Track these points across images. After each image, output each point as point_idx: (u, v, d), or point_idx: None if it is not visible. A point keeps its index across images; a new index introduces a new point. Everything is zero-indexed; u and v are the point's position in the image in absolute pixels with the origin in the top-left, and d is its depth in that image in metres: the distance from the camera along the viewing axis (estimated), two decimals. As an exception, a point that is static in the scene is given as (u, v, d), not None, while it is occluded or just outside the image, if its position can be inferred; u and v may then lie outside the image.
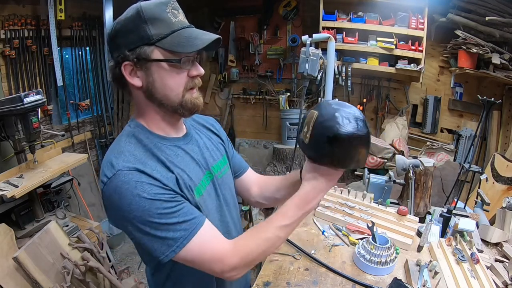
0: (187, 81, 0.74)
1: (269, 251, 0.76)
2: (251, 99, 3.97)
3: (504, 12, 2.67)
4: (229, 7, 3.81)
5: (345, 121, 0.68)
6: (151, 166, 0.70)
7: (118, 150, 0.72)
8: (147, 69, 0.72)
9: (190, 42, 0.69)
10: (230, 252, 0.71)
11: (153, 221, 0.66)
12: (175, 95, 0.73)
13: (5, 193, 1.66)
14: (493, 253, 1.34)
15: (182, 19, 0.73)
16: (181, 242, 0.68)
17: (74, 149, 3.05)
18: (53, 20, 2.50)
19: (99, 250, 1.97)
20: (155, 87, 0.73)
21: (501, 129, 3.02)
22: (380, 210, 1.45)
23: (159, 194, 0.67)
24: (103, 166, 0.71)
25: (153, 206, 0.66)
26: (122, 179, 0.66)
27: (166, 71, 0.71)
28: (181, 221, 0.68)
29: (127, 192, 0.66)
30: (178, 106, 0.75)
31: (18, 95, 1.76)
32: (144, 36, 0.69)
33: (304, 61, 1.78)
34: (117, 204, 0.67)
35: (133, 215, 0.66)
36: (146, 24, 0.68)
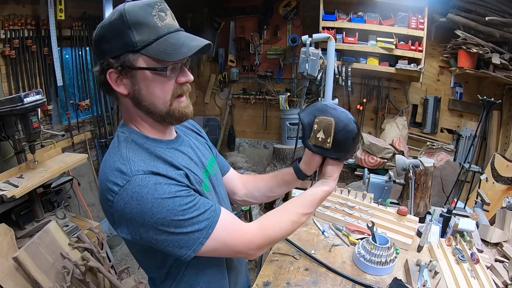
0: (174, 88, 0.71)
1: (290, 233, 0.82)
2: (251, 99, 3.97)
3: (504, 12, 2.67)
4: (229, 7, 3.81)
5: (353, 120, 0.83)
6: (162, 167, 0.69)
7: (122, 156, 0.69)
8: (132, 77, 0.69)
9: (176, 50, 0.65)
10: (258, 232, 0.75)
11: (178, 219, 0.66)
12: (162, 103, 0.71)
13: (5, 193, 1.66)
14: (493, 253, 1.34)
15: (169, 22, 0.68)
16: (206, 232, 0.68)
17: (74, 149, 3.04)
18: (53, 20, 2.49)
19: (99, 250, 1.97)
20: (142, 95, 0.70)
21: (501, 129, 3.02)
22: (380, 210, 1.45)
23: (178, 191, 0.67)
24: (108, 176, 0.67)
25: (176, 204, 0.65)
26: (139, 183, 0.64)
27: (152, 79, 0.68)
28: (202, 212, 0.69)
29: (147, 196, 0.64)
30: (166, 115, 0.73)
31: (18, 95, 1.75)
32: (128, 43, 0.65)
33: (304, 61, 1.78)
34: (136, 211, 0.64)
35: (156, 218, 0.64)
36: (130, 30, 0.65)
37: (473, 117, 3.22)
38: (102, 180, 0.68)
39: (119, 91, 0.71)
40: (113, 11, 0.67)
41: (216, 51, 3.97)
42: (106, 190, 0.66)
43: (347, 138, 0.82)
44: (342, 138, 0.82)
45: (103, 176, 0.68)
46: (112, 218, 0.68)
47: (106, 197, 0.66)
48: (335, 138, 0.81)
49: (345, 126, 0.81)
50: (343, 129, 0.81)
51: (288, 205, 0.83)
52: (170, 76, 0.69)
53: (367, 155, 3.18)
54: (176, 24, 0.70)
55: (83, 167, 3.02)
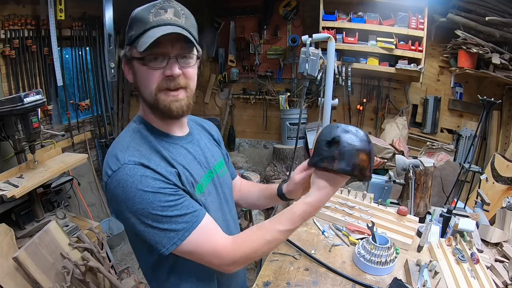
0: (160, 81, 0.72)
1: (268, 251, 0.79)
2: (251, 99, 3.97)
3: (504, 12, 2.67)
4: (229, 7, 3.81)
5: (354, 134, 0.77)
6: (155, 161, 0.72)
7: (124, 144, 0.74)
8: (132, 67, 0.76)
9: (146, 40, 0.68)
10: (230, 248, 0.74)
11: (156, 214, 0.68)
12: (148, 93, 0.74)
13: (5, 193, 1.66)
14: (493, 253, 1.34)
15: (165, 18, 0.70)
16: (182, 235, 0.70)
17: (74, 149, 3.05)
18: (53, 20, 2.49)
19: (99, 250, 1.97)
20: (136, 84, 0.77)
21: (501, 129, 3.02)
22: (380, 210, 1.45)
23: (162, 188, 0.69)
24: (107, 159, 0.73)
25: (156, 199, 0.68)
26: (127, 172, 0.69)
27: (139, 69, 0.74)
28: (183, 214, 0.70)
29: (132, 186, 0.68)
30: (152, 105, 0.75)
31: (18, 95, 1.75)
32: (128, 38, 0.74)
33: (304, 61, 1.78)
34: (121, 197, 0.69)
35: (136, 207, 0.68)
36: (131, 27, 0.73)
37: (473, 117, 3.22)
38: (105, 161, 0.75)
39: (127, 78, 0.79)
40: None
41: (216, 51, 3.97)
42: (104, 172, 0.73)
43: (350, 151, 0.74)
44: (346, 152, 0.75)
45: (106, 159, 0.75)
46: (107, 197, 0.75)
47: (103, 178, 0.74)
48: (342, 152, 0.75)
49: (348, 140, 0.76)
50: (347, 144, 0.75)
51: (267, 221, 0.80)
52: (152, 67, 0.72)
53: (367, 155, 3.17)
54: (177, 20, 0.71)
55: (83, 167, 3.03)
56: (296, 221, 0.76)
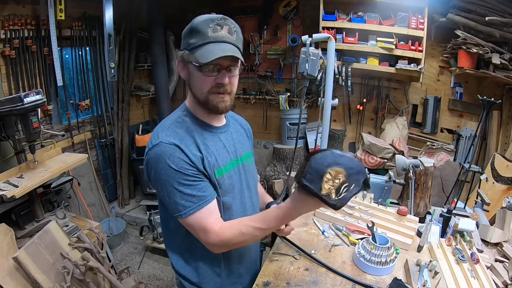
0: (212, 86, 0.88)
1: (245, 242, 0.93)
2: (251, 99, 3.97)
3: (504, 12, 2.66)
4: (229, 7, 3.80)
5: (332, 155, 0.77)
6: (186, 143, 0.89)
7: (166, 126, 0.93)
8: (188, 67, 0.91)
9: (206, 55, 0.83)
10: (214, 233, 0.88)
11: (174, 187, 0.86)
12: (200, 93, 0.91)
13: (5, 193, 1.66)
14: (493, 253, 1.34)
15: (221, 34, 0.85)
16: (188, 210, 0.87)
17: (74, 149, 3.04)
18: (53, 20, 2.49)
19: (99, 250, 1.97)
20: (191, 83, 0.92)
21: (501, 129, 3.02)
22: (380, 210, 1.45)
23: (184, 168, 0.86)
24: (152, 136, 0.92)
25: (177, 175, 0.86)
26: (162, 149, 0.87)
27: (195, 73, 0.89)
28: (193, 194, 0.87)
29: (162, 159, 0.86)
30: (203, 103, 0.92)
31: (18, 95, 1.75)
32: (187, 43, 0.88)
33: (304, 61, 1.78)
34: (153, 166, 0.88)
35: (161, 177, 0.87)
36: (191, 35, 0.86)
37: (473, 117, 3.22)
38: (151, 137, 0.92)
39: (181, 75, 0.95)
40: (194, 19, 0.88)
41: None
42: (148, 144, 0.91)
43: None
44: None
45: (152, 133, 0.93)
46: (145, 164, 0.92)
47: (146, 150, 0.91)
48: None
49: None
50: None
51: (247, 218, 0.93)
52: (207, 74, 0.87)
53: (367, 155, 3.18)
54: (230, 37, 0.87)
55: (83, 167, 3.03)
56: (268, 222, 0.87)
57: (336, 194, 0.74)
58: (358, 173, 0.76)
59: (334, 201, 0.74)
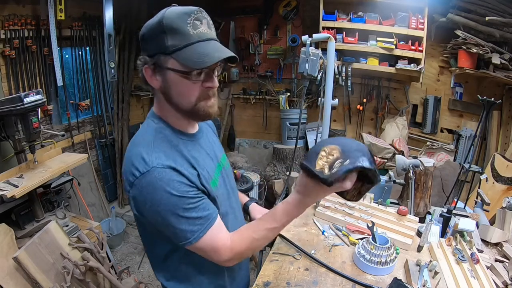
0: (200, 91, 0.78)
1: (260, 246, 0.89)
2: (251, 99, 3.97)
3: (504, 12, 2.66)
4: (229, 7, 3.80)
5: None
6: (180, 163, 0.78)
7: (148, 145, 0.78)
8: (163, 75, 0.77)
9: (200, 59, 0.72)
10: (228, 249, 0.82)
11: (178, 214, 0.76)
12: (188, 102, 0.79)
13: (5, 193, 1.66)
14: (493, 253, 1.34)
15: (203, 31, 0.74)
16: (197, 235, 0.78)
17: (74, 149, 3.05)
18: (53, 20, 2.49)
19: (99, 250, 1.97)
20: (170, 93, 0.79)
21: (501, 129, 3.02)
22: (380, 210, 1.45)
23: (186, 192, 0.76)
24: (132, 159, 0.77)
25: (180, 202, 0.75)
26: (156, 175, 0.74)
27: (179, 80, 0.76)
28: (199, 217, 0.78)
29: (160, 188, 0.74)
30: (190, 112, 0.81)
31: (18, 95, 1.75)
32: (161, 46, 0.73)
33: (304, 61, 1.78)
34: (148, 197, 0.75)
35: (161, 208, 0.75)
36: (165, 34, 0.72)
37: (473, 117, 3.22)
38: (127, 160, 0.79)
39: (152, 84, 0.81)
40: (157, 14, 0.75)
41: (216, 51, 3.97)
42: (129, 172, 0.77)
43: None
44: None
45: (129, 158, 0.79)
46: (128, 194, 0.79)
47: (128, 177, 0.77)
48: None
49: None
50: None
51: (254, 222, 0.88)
52: (195, 80, 0.76)
53: (367, 155, 3.17)
54: (211, 32, 0.76)
55: (83, 167, 3.03)
56: (279, 219, 0.82)
57: (329, 170, 0.72)
58: (356, 150, 0.73)
59: (326, 176, 0.72)
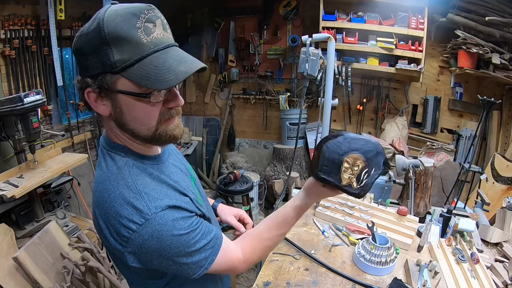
0: (161, 113, 0.64)
1: (271, 251, 0.95)
2: (251, 99, 3.97)
3: (504, 12, 2.67)
4: (229, 7, 3.80)
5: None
6: (173, 197, 0.68)
7: (131, 188, 0.64)
8: (113, 99, 0.61)
9: (160, 76, 0.56)
10: (242, 262, 0.79)
11: (190, 251, 0.67)
12: (147, 129, 0.64)
13: (5, 193, 1.66)
14: (493, 253, 1.34)
15: (158, 36, 0.58)
16: (211, 259, 0.71)
17: (74, 149, 3.04)
18: (53, 20, 2.49)
19: (99, 250, 1.97)
20: (124, 119, 0.63)
21: (501, 129, 3.02)
22: (380, 210, 1.45)
23: (192, 225, 0.67)
24: (119, 210, 0.62)
25: (190, 238, 0.66)
26: (159, 221, 0.62)
27: (134, 104, 0.60)
28: (209, 241, 0.71)
29: (167, 234, 0.63)
30: (151, 139, 0.66)
31: (18, 95, 1.76)
32: (105, 63, 0.56)
33: (304, 61, 1.78)
34: (155, 247, 0.63)
35: (172, 252, 0.64)
36: (109, 46, 0.55)
37: (473, 117, 3.22)
38: (109, 210, 0.63)
39: (99, 112, 0.64)
40: (92, 18, 0.57)
41: (216, 51, 3.97)
42: (119, 226, 0.62)
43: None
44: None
45: (111, 208, 0.62)
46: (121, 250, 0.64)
47: (119, 232, 0.62)
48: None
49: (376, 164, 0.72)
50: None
51: (263, 229, 0.84)
52: (154, 102, 0.61)
53: (367, 155, 3.17)
54: (168, 36, 0.61)
55: (83, 167, 3.02)
56: (290, 223, 0.84)
57: (357, 182, 0.69)
58: (377, 154, 0.70)
59: (357, 190, 0.70)
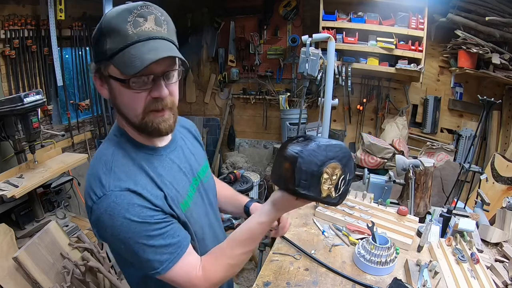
0: (147, 102, 0.67)
1: (236, 271, 0.80)
2: (251, 99, 3.97)
3: (504, 12, 2.66)
4: (229, 7, 3.80)
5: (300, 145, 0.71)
6: (141, 184, 0.69)
7: (106, 165, 0.69)
8: (108, 84, 0.68)
9: (132, 62, 0.61)
10: (201, 280, 0.73)
11: (142, 243, 0.67)
12: (134, 115, 0.69)
13: (5, 193, 1.66)
14: (493, 253, 1.34)
15: (146, 29, 0.63)
16: (166, 265, 0.69)
17: (74, 149, 3.05)
18: (53, 20, 2.49)
19: (99, 250, 1.97)
20: (117, 103, 0.70)
21: (501, 129, 3.02)
22: (380, 210, 1.45)
23: (148, 217, 0.67)
24: (90, 180, 0.69)
25: (143, 229, 0.66)
26: (114, 200, 0.65)
27: (120, 89, 0.66)
28: (167, 244, 0.69)
29: (119, 214, 0.65)
30: (139, 127, 0.70)
31: (18, 95, 1.76)
32: (102, 51, 0.64)
33: (304, 61, 1.78)
34: (107, 223, 0.66)
35: (122, 236, 0.66)
36: (105, 37, 0.63)
37: (473, 117, 3.22)
38: (86, 182, 0.71)
39: (101, 94, 0.72)
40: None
41: (216, 51, 3.97)
42: (87, 195, 0.69)
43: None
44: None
45: (88, 180, 0.70)
46: (91, 221, 0.70)
47: (87, 201, 0.70)
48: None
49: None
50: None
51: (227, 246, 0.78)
52: (136, 89, 0.65)
53: (367, 155, 3.18)
54: (159, 30, 0.65)
55: (83, 167, 3.01)
56: (256, 239, 0.77)
57: (335, 191, 0.68)
58: (350, 159, 0.69)
59: (335, 199, 0.68)
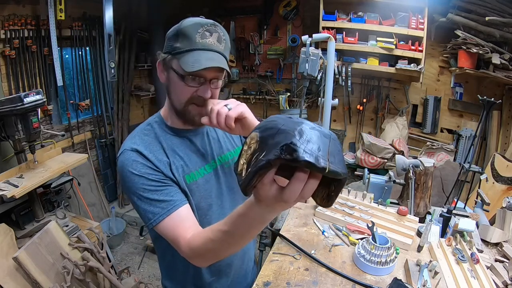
0: (191, 96, 0.84)
1: (219, 251, 0.73)
2: (251, 99, 3.97)
3: (504, 12, 2.67)
4: (229, 7, 3.81)
5: None
6: (150, 149, 0.86)
7: (134, 133, 0.91)
8: (168, 72, 0.86)
9: (191, 64, 0.77)
10: (185, 242, 0.77)
11: (138, 193, 0.82)
12: (178, 103, 0.86)
13: (5, 193, 1.66)
14: (493, 253, 1.34)
15: (209, 42, 0.80)
16: (158, 217, 0.81)
17: (74, 149, 3.05)
18: (53, 20, 2.49)
19: (99, 250, 1.97)
20: (169, 89, 0.88)
21: (501, 129, 3.02)
22: (380, 210, 1.45)
23: (147, 173, 0.82)
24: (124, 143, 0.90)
25: (140, 181, 0.82)
26: (125, 156, 0.85)
27: (175, 80, 0.84)
28: (160, 200, 0.82)
29: (125, 167, 0.83)
30: (180, 113, 0.88)
31: (18, 95, 1.76)
32: (172, 46, 0.82)
33: (304, 61, 1.78)
34: (121, 174, 0.86)
35: (127, 185, 0.84)
36: (178, 38, 0.81)
37: (473, 117, 3.22)
38: None
39: (160, 78, 0.90)
40: (182, 21, 0.83)
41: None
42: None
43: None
44: None
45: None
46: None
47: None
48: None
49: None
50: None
51: (217, 223, 0.71)
52: (190, 85, 0.82)
53: (367, 155, 3.18)
54: (218, 46, 0.82)
55: (83, 167, 3.03)
56: (233, 223, 0.64)
57: (246, 170, 0.48)
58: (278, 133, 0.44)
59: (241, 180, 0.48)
